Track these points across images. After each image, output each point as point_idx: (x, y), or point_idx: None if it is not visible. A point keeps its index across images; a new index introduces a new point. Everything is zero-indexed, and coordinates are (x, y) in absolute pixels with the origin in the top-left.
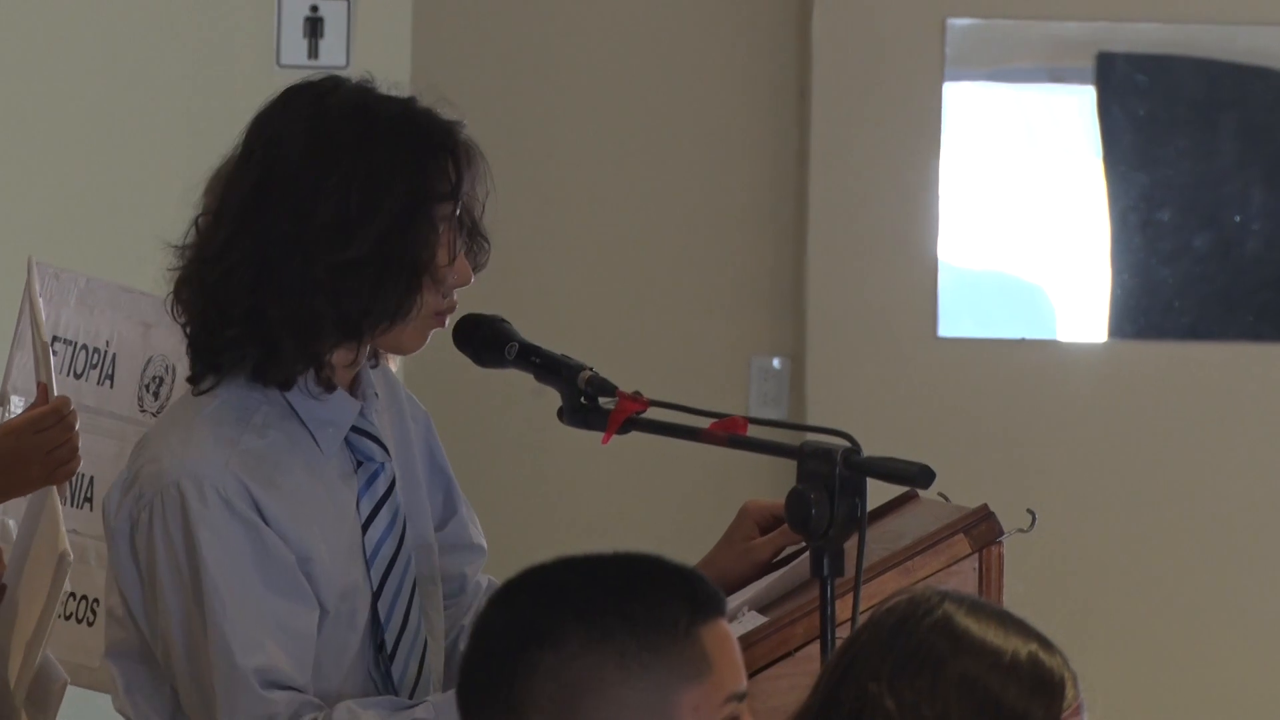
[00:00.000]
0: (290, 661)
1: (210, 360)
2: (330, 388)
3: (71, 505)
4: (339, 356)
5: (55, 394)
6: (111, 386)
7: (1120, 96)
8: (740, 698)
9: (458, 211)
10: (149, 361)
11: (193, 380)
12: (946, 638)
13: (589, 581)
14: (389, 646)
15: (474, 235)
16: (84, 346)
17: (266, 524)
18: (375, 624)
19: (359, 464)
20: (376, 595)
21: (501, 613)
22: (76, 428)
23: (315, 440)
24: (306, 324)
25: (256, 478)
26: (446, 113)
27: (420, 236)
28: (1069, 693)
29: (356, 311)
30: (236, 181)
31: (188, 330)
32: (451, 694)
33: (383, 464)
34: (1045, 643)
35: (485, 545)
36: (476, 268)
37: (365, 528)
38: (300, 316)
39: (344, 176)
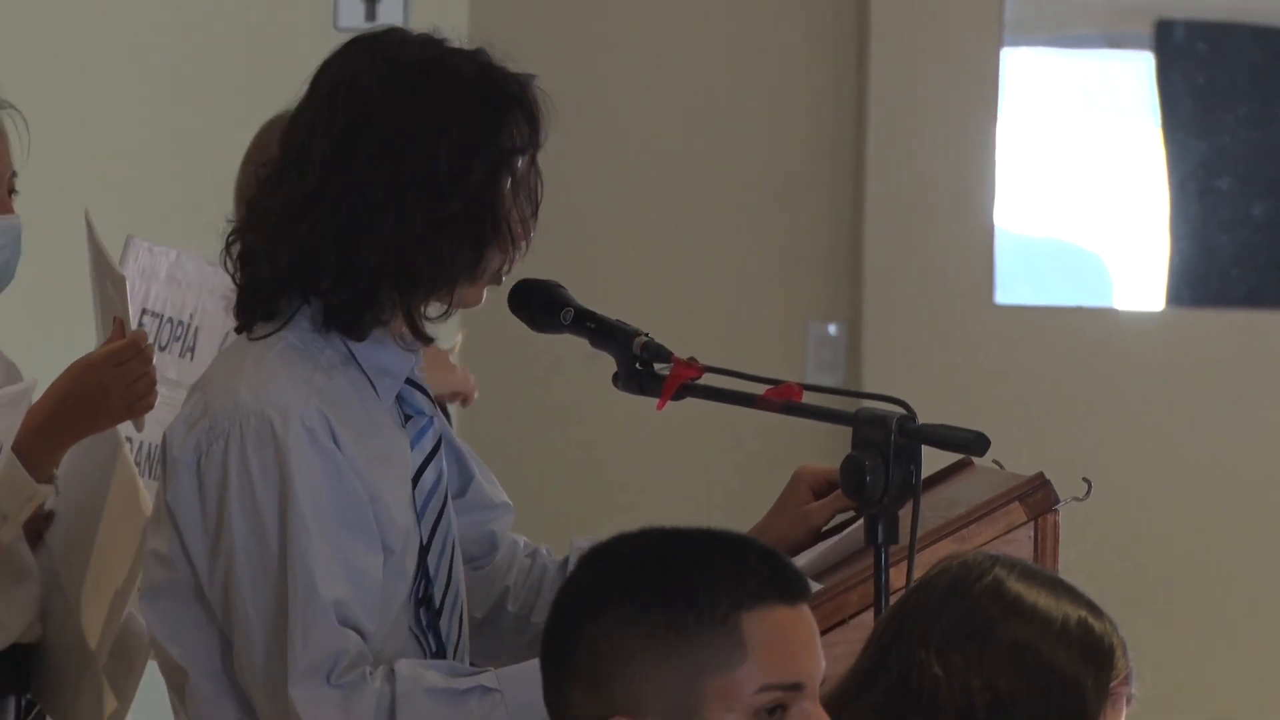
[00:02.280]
0: (359, 603)
1: (269, 308)
2: (425, 340)
3: (149, 476)
4: (432, 309)
5: (131, 328)
6: (192, 359)
7: (1179, 63)
8: (790, 688)
9: (527, 170)
10: (228, 335)
11: (243, 327)
12: (997, 603)
13: (648, 556)
14: (437, 602)
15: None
16: (169, 319)
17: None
18: (424, 579)
19: (407, 418)
20: (426, 549)
21: (571, 580)
22: (154, 361)
23: (374, 388)
24: (406, 277)
25: (333, 413)
26: (516, 66)
27: (504, 192)
28: (1119, 662)
29: (449, 266)
30: (319, 131)
31: (242, 279)
32: (517, 667)
33: (431, 419)
34: (1095, 609)
35: (509, 502)
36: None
37: (415, 480)
38: (400, 269)
39: (433, 132)
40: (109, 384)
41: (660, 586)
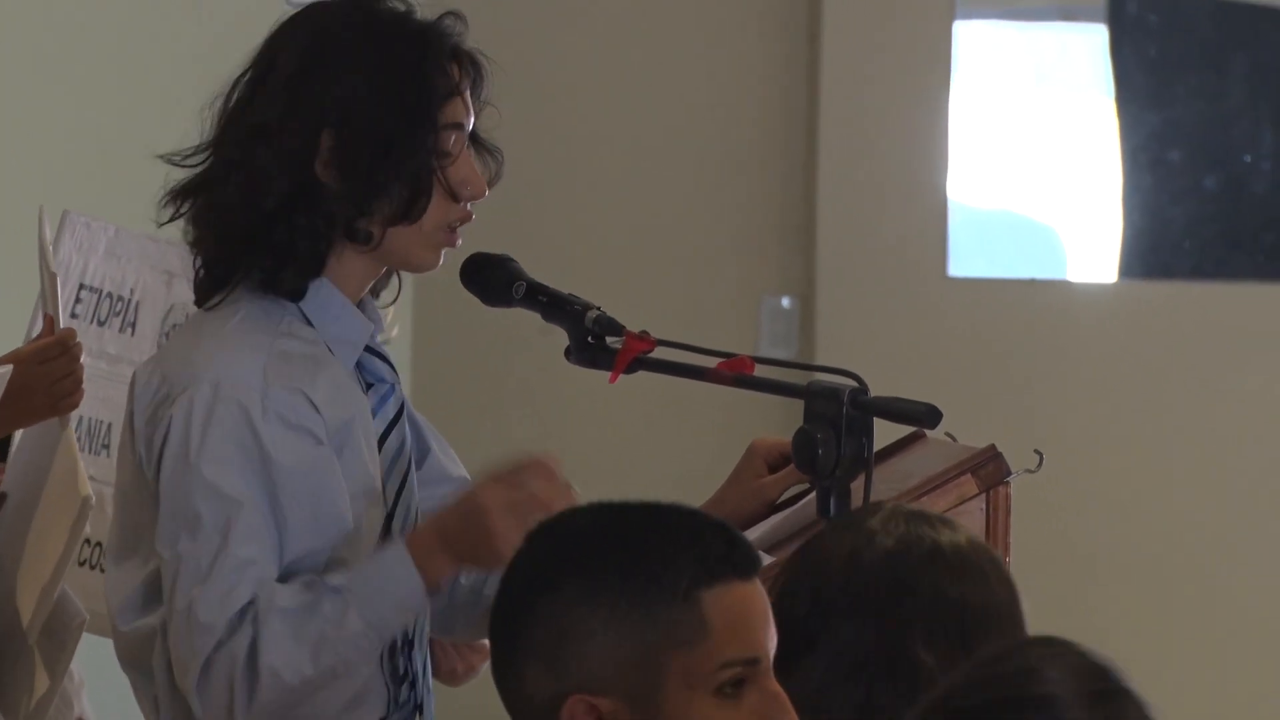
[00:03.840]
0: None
1: (222, 277)
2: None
3: (89, 452)
4: (355, 264)
5: (61, 326)
6: (133, 334)
7: (1132, 36)
8: (749, 663)
9: (464, 115)
10: (170, 309)
11: (202, 301)
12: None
13: (603, 532)
14: None
15: (482, 147)
16: (109, 294)
17: (315, 410)
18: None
19: (369, 386)
20: (390, 514)
21: (521, 555)
22: (82, 360)
23: (333, 353)
24: (317, 230)
25: (294, 375)
26: (449, 23)
27: (425, 138)
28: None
29: (365, 214)
30: (244, 99)
31: (200, 248)
32: (364, 564)
33: (392, 385)
34: (948, 524)
35: (467, 476)
36: (490, 181)
37: (380, 445)
38: (313, 224)
39: (347, 82)
40: (33, 381)
41: (619, 562)
